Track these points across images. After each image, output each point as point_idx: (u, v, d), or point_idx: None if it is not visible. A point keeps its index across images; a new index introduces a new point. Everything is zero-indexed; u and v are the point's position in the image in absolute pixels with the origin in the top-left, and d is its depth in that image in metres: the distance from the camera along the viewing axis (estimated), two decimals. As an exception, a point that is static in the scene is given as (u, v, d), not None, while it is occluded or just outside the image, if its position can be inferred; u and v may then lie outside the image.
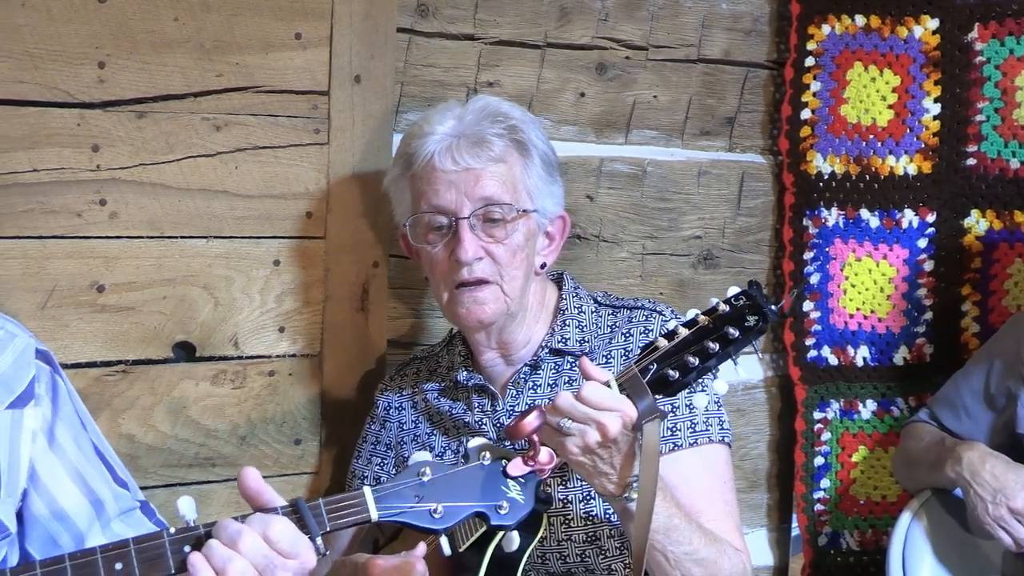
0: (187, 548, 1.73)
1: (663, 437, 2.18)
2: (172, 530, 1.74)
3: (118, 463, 2.05)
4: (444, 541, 1.87)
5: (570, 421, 2.00)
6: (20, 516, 1.94)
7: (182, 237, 2.50)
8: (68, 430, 1.99)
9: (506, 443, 2.33)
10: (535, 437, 1.92)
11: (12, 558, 1.93)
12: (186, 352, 2.53)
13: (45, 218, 2.37)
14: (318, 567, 1.81)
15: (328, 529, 1.78)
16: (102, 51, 2.38)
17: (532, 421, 1.93)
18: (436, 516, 1.82)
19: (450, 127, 2.34)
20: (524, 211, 2.34)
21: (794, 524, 3.17)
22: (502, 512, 1.86)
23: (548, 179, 2.39)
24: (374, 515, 1.80)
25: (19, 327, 2.00)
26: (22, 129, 2.33)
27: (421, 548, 2.09)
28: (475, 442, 1.91)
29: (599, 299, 2.49)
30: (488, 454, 1.88)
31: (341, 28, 2.58)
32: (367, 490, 1.81)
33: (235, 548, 1.70)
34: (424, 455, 1.88)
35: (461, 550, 2.07)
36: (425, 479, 1.83)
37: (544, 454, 1.92)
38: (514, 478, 1.88)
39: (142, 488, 2.12)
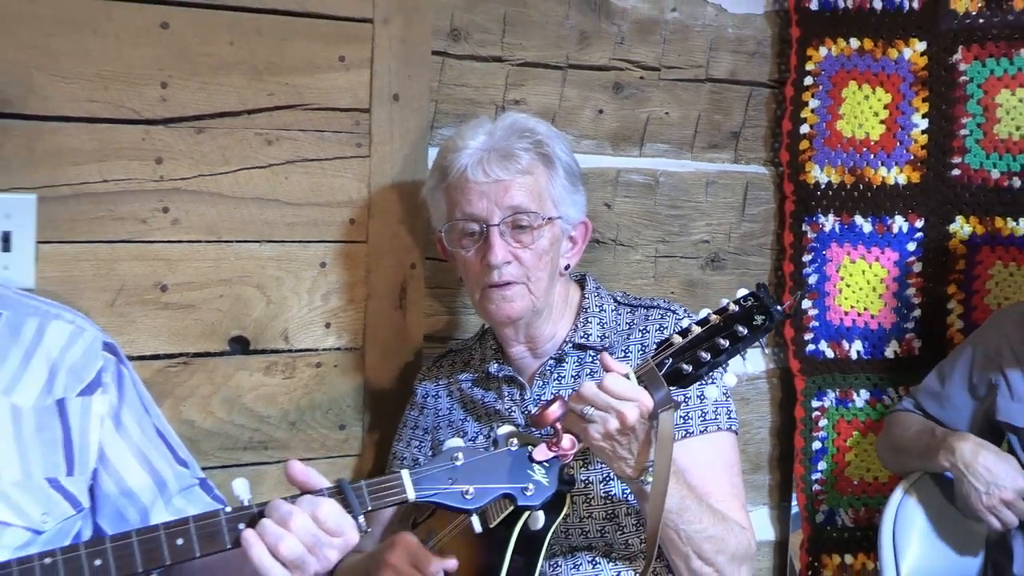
0: (241, 526, 1.74)
1: (676, 425, 2.16)
2: (228, 509, 1.75)
3: (179, 444, 2.06)
4: (475, 520, 1.87)
5: (592, 409, 2.00)
6: (91, 493, 1.95)
7: (237, 241, 2.50)
8: (132, 415, 2.00)
9: (532, 430, 2.33)
10: (558, 425, 1.93)
11: (86, 531, 1.95)
12: (241, 346, 2.52)
13: (113, 224, 2.37)
14: (360, 543, 1.81)
15: (369, 508, 1.78)
16: (165, 72, 2.38)
17: (555, 410, 1.94)
18: (467, 497, 1.83)
19: (481, 142, 2.34)
20: (549, 218, 2.34)
21: (794, 503, 3.16)
22: (528, 493, 1.87)
23: (571, 188, 2.39)
24: (411, 496, 1.81)
25: (88, 322, 2.01)
26: (93, 144, 2.34)
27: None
28: (503, 429, 1.92)
29: (618, 298, 2.49)
30: (515, 440, 1.89)
31: (381, 51, 2.58)
32: (405, 473, 1.82)
33: (286, 527, 1.70)
34: (457, 441, 1.88)
35: (491, 526, 2.06)
36: (458, 463, 1.84)
37: (566, 440, 1.93)
38: (539, 462, 1.89)
39: (202, 469, 2.12)
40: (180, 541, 1.72)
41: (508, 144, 2.33)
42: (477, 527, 1.89)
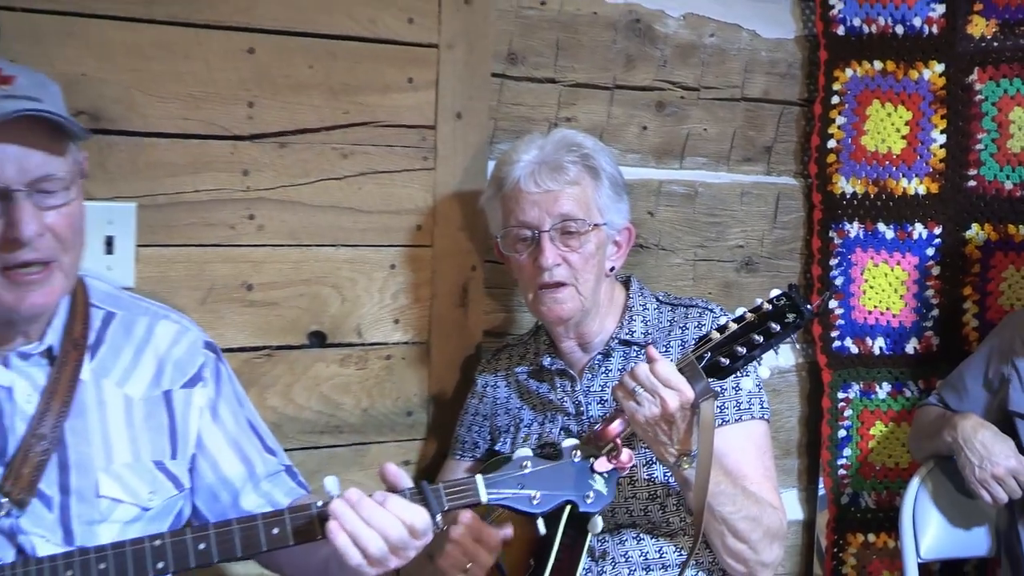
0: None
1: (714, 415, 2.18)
2: (319, 503, 1.75)
3: (268, 434, 2.08)
4: (540, 523, 1.88)
5: (641, 389, 2.01)
6: (189, 475, 1.98)
7: (316, 245, 2.51)
8: (228, 407, 2.02)
9: (584, 417, 2.35)
10: (619, 440, 1.93)
11: (186, 509, 1.98)
12: (319, 340, 2.54)
13: (205, 230, 2.40)
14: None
15: (446, 508, 1.79)
16: (250, 93, 2.41)
17: (617, 427, 1.95)
18: (534, 502, 1.84)
19: (534, 155, 2.36)
20: (595, 224, 2.35)
21: (821, 486, 3.15)
22: (588, 501, 1.88)
23: (615, 197, 2.39)
24: (484, 498, 1.81)
25: (192, 323, 2.04)
26: (186, 158, 2.36)
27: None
28: (568, 442, 1.91)
29: (660, 298, 2.49)
30: (579, 453, 1.89)
31: (445, 74, 2.60)
32: (479, 478, 1.82)
33: (371, 525, 1.71)
34: (526, 451, 1.88)
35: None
36: (526, 471, 1.84)
37: (624, 455, 1.93)
38: (599, 473, 1.88)
39: (283, 450, 2.14)
40: (276, 530, 1.74)
41: (557, 157, 2.34)
42: (542, 529, 1.89)
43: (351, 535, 1.70)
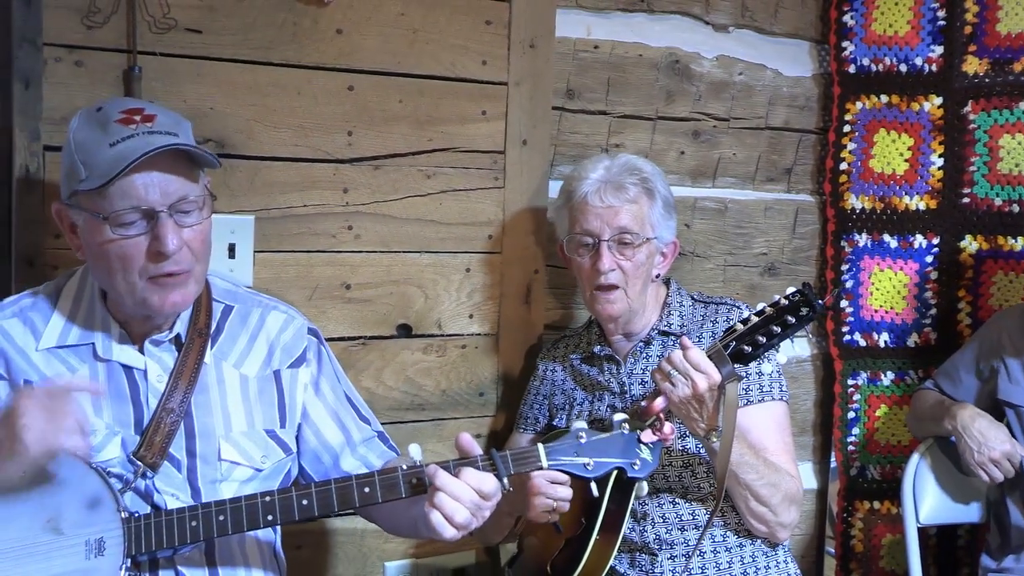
0: (414, 480, 1.75)
1: (739, 396, 2.16)
2: (404, 466, 1.76)
3: (363, 405, 2.08)
4: (594, 486, 1.87)
5: (676, 371, 2.00)
6: (296, 441, 1.99)
7: (403, 251, 2.52)
8: (328, 383, 2.02)
9: (627, 396, 2.34)
10: (662, 415, 1.91)
11: (293, 470, 1.99)
12: (405, 331, 2.55)
13: (311, 238, 2.42)
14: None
15: (512, 473, 1.78)
16: (350, 124, 2.42)
17: (660, 403, 1.94)
18: (588, 468, 1.83)
19: (600, 175, 2.35)
20: (647, 238, 2.34)
21: (832, 460, 3.11)
22: (636, 468, 1.87)
23: (666, 216, 2.38)
24: (544, 464, 1.81)
25: (297, 312, 2.05)
26: (296, 178, 2.38)
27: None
28: (618, 416, 1.90)
29: (695, 297, 2.48)
30: (627, 425, 1.88)
31: (513, 107, 2.60)
32: (540, 446, 1.81)
33: (459, 501, 1.70)
34: (581, 423, 1.86)
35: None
36: (582, 441, 1.83)
37: (667, 427, 1.92)
38: (645, 444, 1.87)
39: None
40: (367, 489, 1.75)
41: (621, 179, 2.34)
42: (595, 492, 1.88)
43: (444, 514, 1.70)
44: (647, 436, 1.88)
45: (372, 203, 2.47)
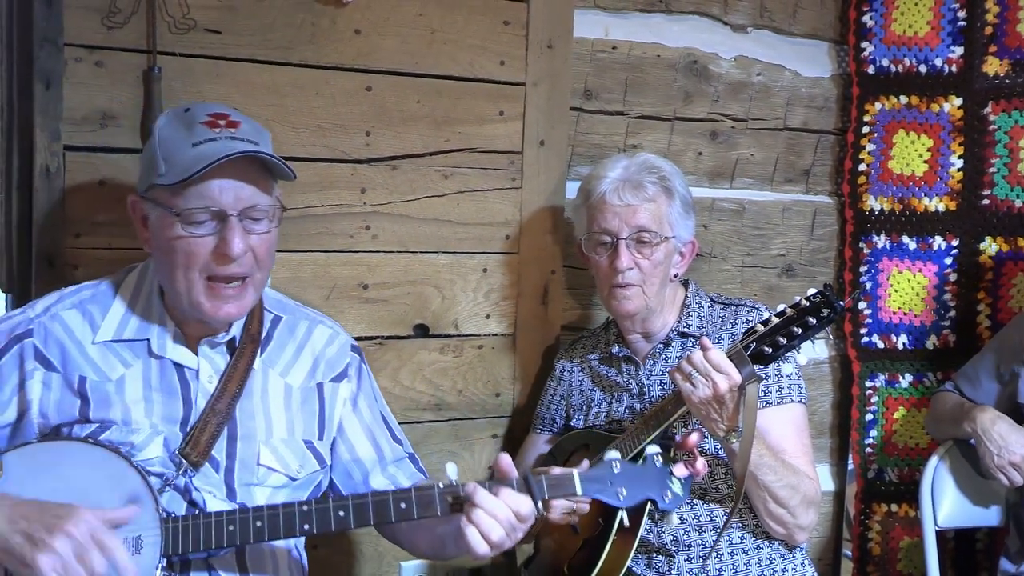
0: (450, 499, 1.75)
1: (758, 397, 2.15)
2: (441, 485, 1.76)
3: (397, 426, 2.09)
4: (623, 513, 1.86)
5: (696, 372, 2.00)
6: (331, 454, 2.00)
7: (421, 252, 2.53)
8: (365, 401, 2.04)
9: (646, 397, 2.33)
10: (696, 450, 1.90)
11: (324, 483, 2.00)
12: (422, 331, 2.55)
13: (329, 238, 2.42)
14: None
15: (547, 497, 1.77)
16: (368, 124, 2.43)
17: (695, 439, 1.91)
18: (621, 497, 1.81)
19: (619, 173, 2.36)
20: (665, 237, 2.34)
21: (850, 462, 3.11)
22: (667, 500, 1.85)
23: (684, 215, 2.38)
24: (579, 491, 1.79)
25: (342, 329, 2.07)
26: (314, 178, 2.39)
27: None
28: (652, 449, 1.88)
29: (713, 298, 2.47)
30: (660, 459, 1.86)
31: (531, 108, 2.60)
32: (576, 473, 1.80)
33: (496, 519, 1.71)
34: (615, 453, 1.85)
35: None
36: (616, 471, 1.82)
37: (699, 463, 1.89)
38: (677, 478, 1.86)
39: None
40: (403, 505, 1.74)
41: (639, 177, 2.34)
42: (626, 522, 1.87)
43: (481, 531, 1.70)
44: (679, 471, 1.86)
45: (390, 203, 2.47)
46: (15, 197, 2.16)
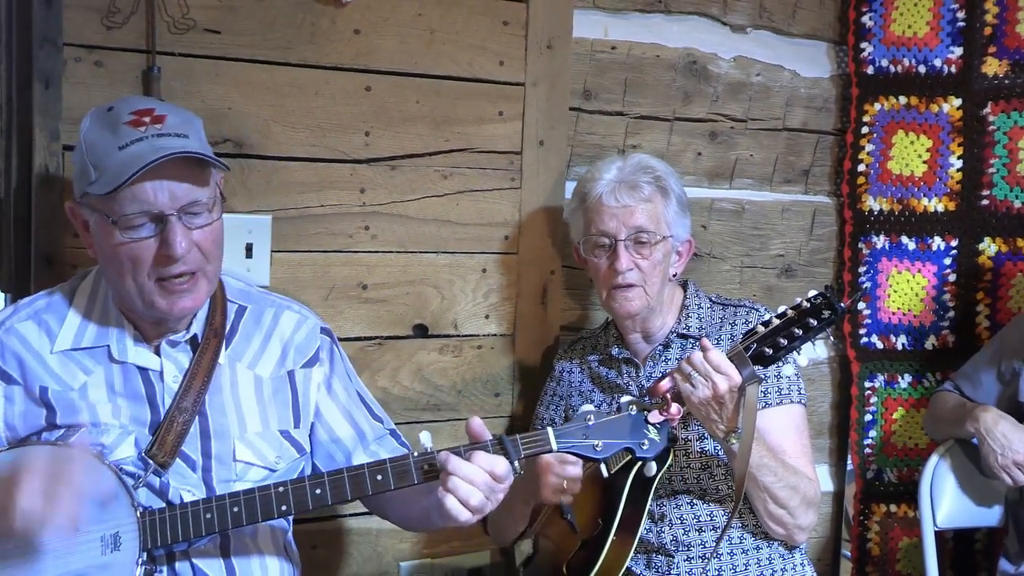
0: (426, 467, 1.76)
1: (758, 398, 2.15)
2: (416, 453, 1.78)
3: (375, 403, 2.09)
4: (603, 467, 1.87)
5: (696, 373, 2.00)
6: (309, 440, 2.00)
7: (420, 252, 2.52)
8: (340, 382, 2.03)
9: (646, 398, 2.33)
10: (668, 396, 1.92)
11: (307, 470, 1.99)
12: (421, 331, 2.55)
13: (328, 238, 2.42)
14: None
15: (523, 456, 1.79)
16: (367, 124, 2.43)
17: (666, 384, 1.94)
18: (597, 449, 1.83)
19: (614, 175, 2.36)
20: (663, 237, 2.34)
21: (849, 462, 3.11)
22: (644, 447, 1.87)
23: (681, 214, 2.39)
24: (554, 447, 1.82)
25: (311, 312, 2.06)
26: (313, 178, 2.39)
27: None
28: (625, 398, 1.92)
29: (713, 299, 2.47)
30: (634, 407, 1.89)
31: (530, 108, 2.60)
32: (549, 430, 1.82)
33: (473, 484, 1.72)
34: (589, 407, 1.89)
35: (612, 472, 2.08)
36: (590, 423, 1.84)
37: (674, 407, 1.93)
38: (652, 424, 1.88)
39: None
40: (379, 476, 1.76)
41: (635, 178, 2.34)
42: (604, 473, 1.89)
43: (459, 497, 1.71)
44: (654, 417, 1.88)
45: (389, 203, 2.47)
46: (14, 196, 2.16)
